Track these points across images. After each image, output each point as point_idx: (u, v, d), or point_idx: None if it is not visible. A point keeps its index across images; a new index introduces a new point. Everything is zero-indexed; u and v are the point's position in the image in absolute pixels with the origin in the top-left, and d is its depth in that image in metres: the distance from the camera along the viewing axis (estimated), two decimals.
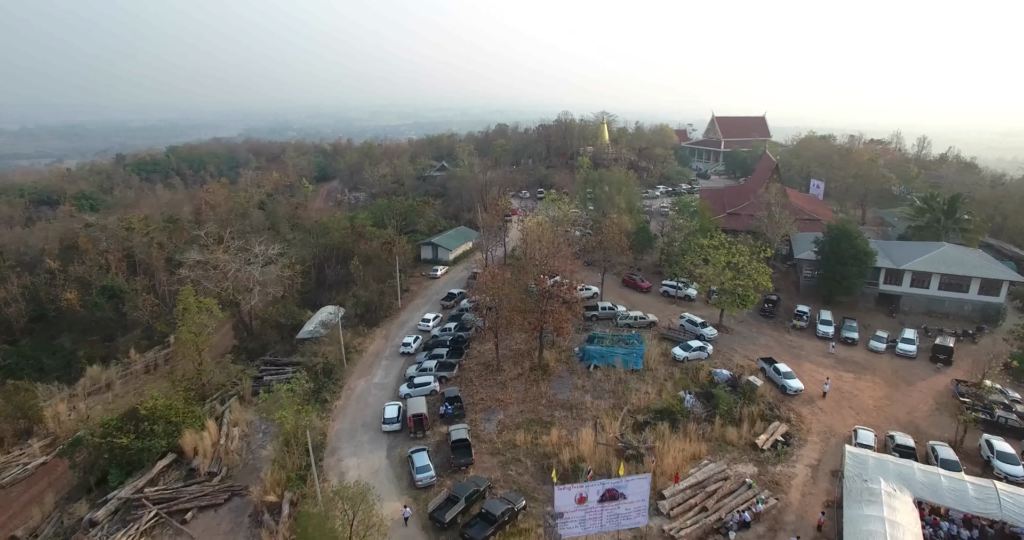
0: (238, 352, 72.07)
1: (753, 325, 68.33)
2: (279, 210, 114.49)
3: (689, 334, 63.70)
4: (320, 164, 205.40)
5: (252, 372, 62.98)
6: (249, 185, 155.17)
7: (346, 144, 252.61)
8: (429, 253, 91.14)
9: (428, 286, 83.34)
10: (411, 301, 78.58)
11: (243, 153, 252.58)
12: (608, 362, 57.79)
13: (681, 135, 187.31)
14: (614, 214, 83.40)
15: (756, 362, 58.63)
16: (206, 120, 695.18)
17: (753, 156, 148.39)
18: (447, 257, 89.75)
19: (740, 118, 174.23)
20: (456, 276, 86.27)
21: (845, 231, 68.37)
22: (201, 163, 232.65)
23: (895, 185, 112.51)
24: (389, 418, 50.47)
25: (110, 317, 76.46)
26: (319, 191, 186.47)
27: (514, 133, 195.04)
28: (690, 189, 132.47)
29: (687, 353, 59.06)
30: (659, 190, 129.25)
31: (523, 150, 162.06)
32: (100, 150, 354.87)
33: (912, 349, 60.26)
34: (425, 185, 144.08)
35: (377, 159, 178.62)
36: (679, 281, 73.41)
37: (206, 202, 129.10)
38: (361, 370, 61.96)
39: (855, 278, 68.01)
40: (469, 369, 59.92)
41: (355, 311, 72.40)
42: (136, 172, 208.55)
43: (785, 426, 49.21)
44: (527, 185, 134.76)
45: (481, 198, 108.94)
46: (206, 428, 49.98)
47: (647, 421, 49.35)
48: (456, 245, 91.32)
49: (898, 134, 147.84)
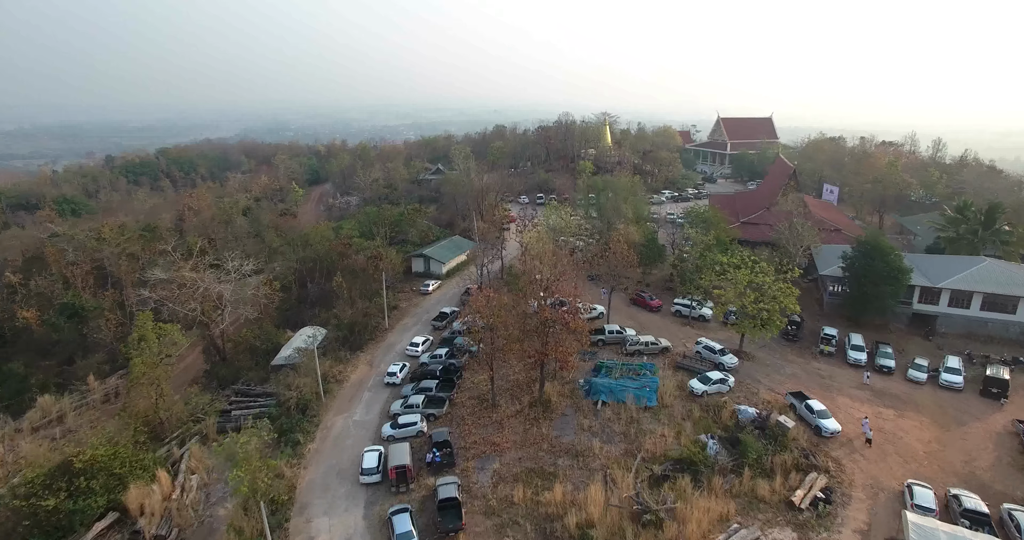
0: (209, 378, 65.11)
1: (776, 350, 61.39)
2: (263, 217, 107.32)
3: (707, 363, 56.78)
4: (312, 166, 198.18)
5: (220, 405, 55.92)
6: (236, 189, 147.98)
7: (340, 145, 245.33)
8: (421, 266, 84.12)
9: (419, 303, 76.31)
10: (400, 320, 71.57)
11: (235, 155, 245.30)
12: (618, 398, 50.86)
13: (684, 136, 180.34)
14: (620, 224, 76.55)
15: (784, 397, 51.72)
16: (204, 120, 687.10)
17: (762, 159, 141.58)
18: (440, 270, 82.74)
19: (746, 119, 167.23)
20: (449, 291, 79.25)
21: (877, 246, 61.44)
22: (192, 165, 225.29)
23: (915, 191, 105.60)
24: (368, 468, 43.48)
25: (69, 338, 69.41)
26: (310, 195, 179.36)
27: (512, 135, 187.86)
28: (697, 194, 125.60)
29: (706, 387, 52.13)
30: (664, 195, 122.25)
31: (521, 152, 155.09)
32: (89, 151, 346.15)
33: (958, 380, 53.33)
34: (419, 189, 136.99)
35: (370, 162, 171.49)
36: (693, 300, 66.50)
37: (189, 208, 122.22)
38: (340, 404, 54.97)
39: (888, 298, 61.13)
40: (461, 404, 52.98)
41: (337, 334, 65.39)
42: (123, 175, 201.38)
43: (824, 478, 42.26)
44: (526, 190, 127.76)
45: (477, 205, 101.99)
46: (157, 479, 42.99)
47: (665, 474, 42.40)
48: (450, 257, 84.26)
49: (912, 136, 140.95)
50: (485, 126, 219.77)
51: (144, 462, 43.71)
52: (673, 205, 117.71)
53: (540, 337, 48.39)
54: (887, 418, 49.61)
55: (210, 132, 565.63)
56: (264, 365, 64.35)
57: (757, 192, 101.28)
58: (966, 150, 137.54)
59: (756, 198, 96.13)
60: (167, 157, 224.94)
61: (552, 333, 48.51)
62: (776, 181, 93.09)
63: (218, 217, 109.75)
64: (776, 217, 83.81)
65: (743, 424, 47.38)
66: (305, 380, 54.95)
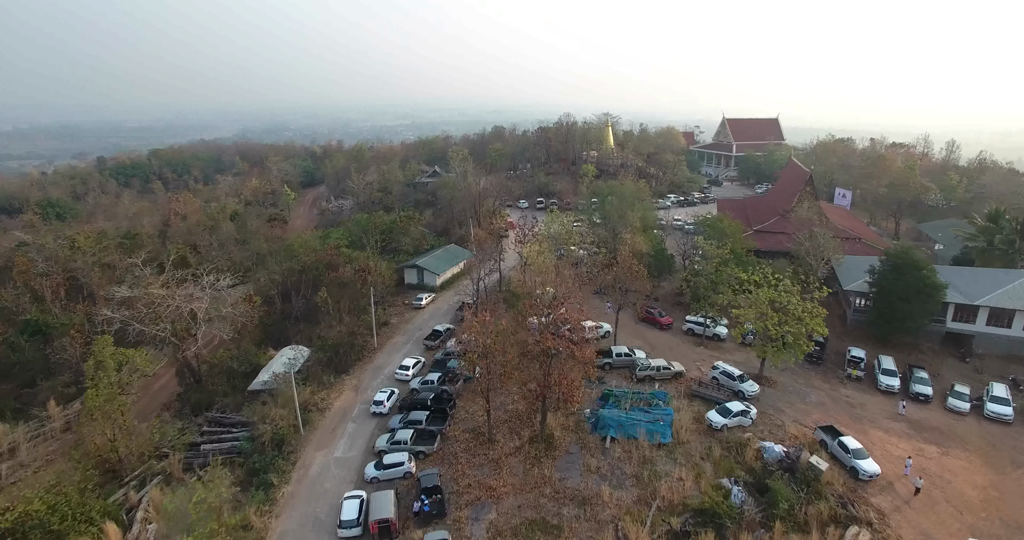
0: (182, 403, 59.58)
1: (799, 374, 55.87)
2: (249, 224, 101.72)
3: (725, 391, 51.26)
4: (307, 168, 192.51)
5: (189, 437, 50.38)
6: (226, 193, 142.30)
7: (336, 146, 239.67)
8: (414, 277, 78.56)
9: (411, 318, 70.74)
10: (390, 338, 65.98)
11: (230, 156, 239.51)
12: (629, 433, 45.34)
13: (688, 138, 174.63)
14: (626, 233, 70.99)
15: (814, 431, 46.22)
16: (203, 120, 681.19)
17: (769, 161, 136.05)
18: (434, 282, 77.18)
19: (752, 120, 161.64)
20: (444, 305, 73.74)
21: (909, 260, 55.92)
22: (185, 166, 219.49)
23: (933, 195, 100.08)
24: (347, 520, 37.95)
25: (32, 359, 63.82)
26: (304, 197, 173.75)
27: (511, 136, 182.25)
28: (704, 198, 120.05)
29: (726, 419, 46.62)
30: (670, 200, 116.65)
31: (521, 154, 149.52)
32: (80, 152, 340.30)
33: (1007, 412, 47.83)
34: (415, 193, 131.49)
35: (365, 164, 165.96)
36: (706, 317, 60.95)
37: (175, 213, 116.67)
38: (321, 437, 49.41)
39: (921, 316, 55.64)
40: (454, 438, 47.44)
41: (321, 356, 59.85)
42: (114, 177, 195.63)
43: (867, 533, 36.77)
44: (525, 194, 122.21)
45: (475, 211, 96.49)
46: (104, 534, 37.47)
47: (685, 529, 36.92)
48: (444, 268, 78.70)
49: (926, 137, 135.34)
50: (484, 126, 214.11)
51: (90, 513, 38.12)
52: (679, 210, 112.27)
53: (542, 367, 42.91)
54: (930, 456, 44.08)
55: (209, 132, 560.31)
56: (242, 389, 58.83)
57: (769, 197, 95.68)
58: (981, 152, 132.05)
59: (769, 204, 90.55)
60: (159, 158, 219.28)
61: (556, 363, 43.07)
62: (790, 186, 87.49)
63: (203, 223, 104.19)
64: (793, 225, 78.31)
65: (770, 465, 41.89)
66: (282, 412, 49.38)
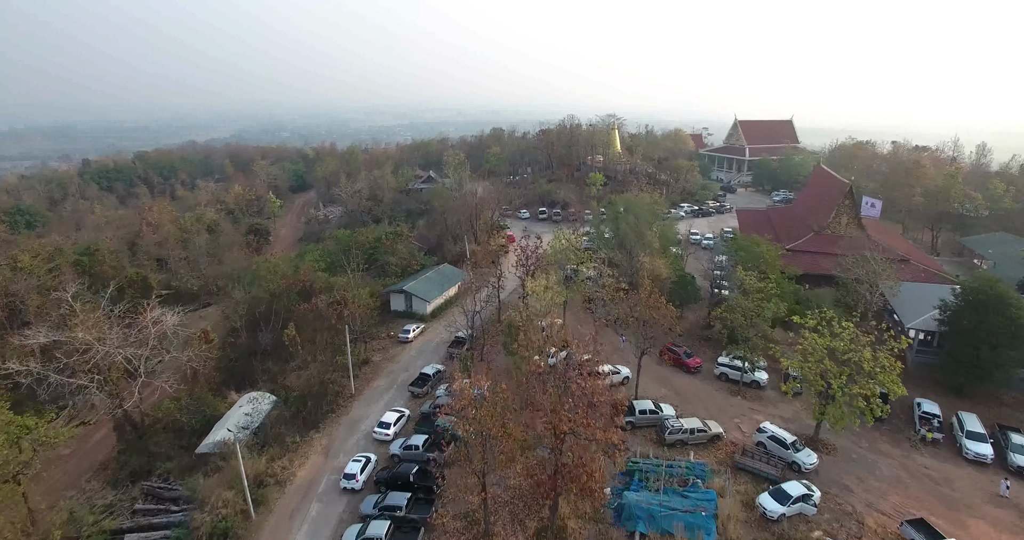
0: (119, 466, 49.39)
1: (861, 435, 45.62)
2: (222, 239, 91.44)
3: (776, 462, 41.08)
4: (298, 172, 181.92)
5: (113, 523, 40.20)
6: (206, 201, 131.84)
7: (329, 148, 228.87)
8: (401, 303, 68.29)
9: (396, 355, 60.44)
10: (371, 382, 55.67)
11: (219, 158, 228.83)
12: (662, 527, 35.25)
13: (696, 140, 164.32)
14: (644, 255, 60.75)
15: (899, 526, 36.04)
16: (200, 120, 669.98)
17: (787, 166, 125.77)
18: (424, 310, 66.93)
19: (765, 122, 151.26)
20: (435, 337, 63.39)
21: (995, 295, 45.75)
22: (172, 170, 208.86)
23: (978, 205, 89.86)
24: None
25: None
26: (293, 203, 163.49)
27: (511, 138, 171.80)
28: (719, 207, 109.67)
29: (783, 507, 36.39)
30: (683, 209, 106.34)
31: (521, 158, 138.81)
32: (63, 154, 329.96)
33: None
34: (408, 201, 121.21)
35: (357, 168, 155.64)
36: (742, 358, 50.79)
37: (147, 223, 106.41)
38: (277, 524, 39.09)
39: (1013, 365, 45.53)
40: (442, 529, 37.16)
41: (286, 410, 49.65)
42: (95, 181, 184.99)
43: None
44: (526, 202, 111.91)
45: (471, 224, 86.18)
46: None
47: None
48: (436, 293, 68.42)
49: (955, 141, 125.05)
50: (483, 127, 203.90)
51: None
52: (693, 221, 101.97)
53: (554, 452, 32.76)
54: None
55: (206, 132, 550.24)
56: (192, 447, 48.65)
57: (797, 209, 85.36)
58: (1012, 157, 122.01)
59: (798, 217, 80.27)
60: (145, 161, 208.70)
61: (572, 443, 32.93)
62: (824, 198, 77.28)
63: (175, 236, 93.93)
64: (829, 243, 68.21)
65: None
66: (228, 495, 39.12)
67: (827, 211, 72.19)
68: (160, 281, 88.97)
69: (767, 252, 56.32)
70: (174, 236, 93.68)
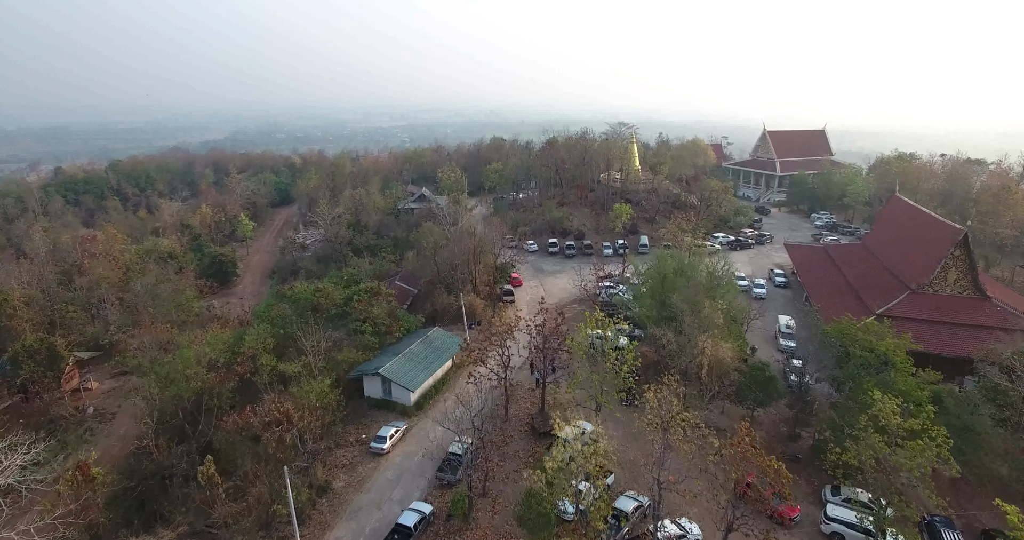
0: None
1: None
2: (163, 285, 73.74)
3: None
4: (280, 185, 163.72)
5: None
6: (168, 225, 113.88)
7: (318, 156, 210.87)
8: (377, 388, 50.99)
9: (367, 476, 42.94)
10: (327, 531, 38.45)
11: (201, 166, 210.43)
12: None
13: (717, 151, 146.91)
14: (706, 341, 43.56)
15: None
16: (195, 122, 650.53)
17: (827, 183, 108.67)
18: (407, 399, 49.62)
19: (796, 132, 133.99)
20: (423, 442, 45.95)
21: None
22: (149, 180, 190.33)
23: None
24: None
25: None
26: (273, 221, 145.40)
27: (512, 148, 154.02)
28: (758, 236, 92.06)
29: None
30: (718, 240, 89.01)
31: (525, 170, 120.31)
32: (34, 161, 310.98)
33: None
34: (397, 225, 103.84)
35: (343, 182, 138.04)
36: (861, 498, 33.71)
37: (86, 253, 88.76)
38: None
39: None
40: None
41: None
42: (62, 193, 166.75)
43: None
44: (533, 230, 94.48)
45: (469, 268, 68.92)
46: None
47: None
48: (423, 376, 50.96)
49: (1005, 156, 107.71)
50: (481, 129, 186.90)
51: None
52: (729, 254, 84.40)
53: None
54: None
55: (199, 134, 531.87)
56: None
57: (873, 249, 67.97)
58: None
59: (876, 263, 62.98)
60: (118, 171, 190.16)
61: None
62: (915, 241, 60.16)
63: (108, 279, 76.33)
64: (943, 309, 51.14)
65: None
66: None
67: (928, 263, 55.01)
68: (90, 337, 71.94)
69: (897, 359, 38.43)
70: (108, 278, 75.91)
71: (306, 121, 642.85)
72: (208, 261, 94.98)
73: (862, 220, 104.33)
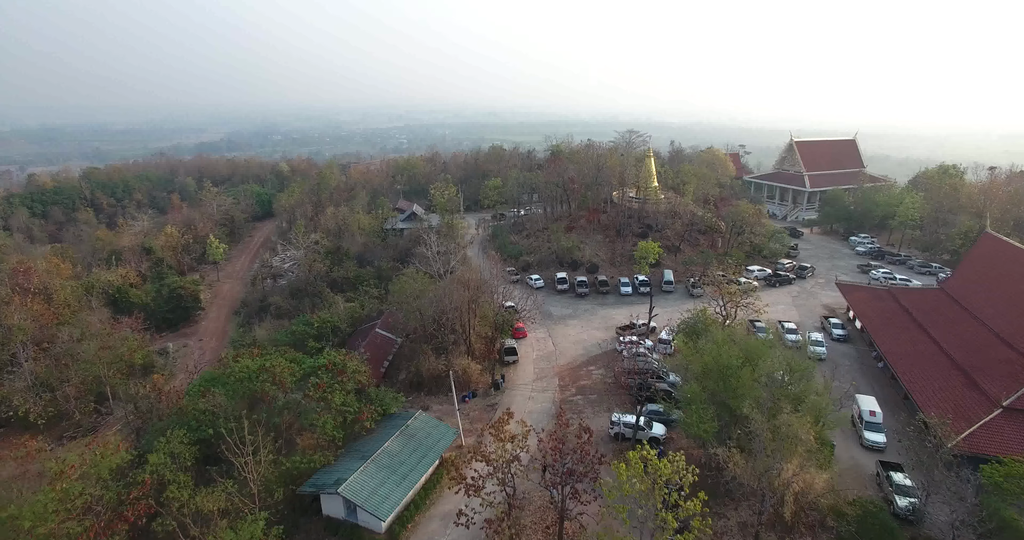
0: None
1: None
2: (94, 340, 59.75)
3: None
4: (263, 197, 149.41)
5: None
6: (130, 247, 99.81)
7: (306, 164, 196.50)
8: (339, 508, 37.40)
9: None
10: None
11: (184, 174, 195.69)
12: None
13: (735, 161, 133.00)
14: (791, 468, 30.02)
15: None
16: (192, 123, 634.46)
17: (866, 202, 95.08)
18: (378, 527, 36.03)
19: (824, 142, 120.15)
20: None
21: None
22: (127, 189, 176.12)
23: None
24: None
25: None
26: (252, 239, 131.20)
27: (513, 157, 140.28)
28: (798, 269, 78.02)
29: None
30: (753, 274, 75.29)
31: (527, 184, 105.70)
32: (4, 169, 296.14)
33: None
34: (384, 248, 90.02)
35: (328, 195, 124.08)
36: None
37: (20, 289, 74.88)
38: None
39: None
40: None
41: None
42: (28, 204, 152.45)
43: None
44: (539, 261, 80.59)
45: (463, 322, 55.25)
46: None
47: None
48: (400, 493, 37.21)
49: None
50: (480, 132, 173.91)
51: None
52: (767, 292, 70.72)
53: None
54: None
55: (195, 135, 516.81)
56: None
57: (964, 300, 54.30)
58: None
59: (972, 323, 49.43)
60: (93, 180, 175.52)
61: None
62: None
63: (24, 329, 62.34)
64: None
65: None
66: None
67: None
68: None
69: None
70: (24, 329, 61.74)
71: (303, 122, 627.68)
72: (167, 294, 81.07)
73: (908, 245, 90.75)
